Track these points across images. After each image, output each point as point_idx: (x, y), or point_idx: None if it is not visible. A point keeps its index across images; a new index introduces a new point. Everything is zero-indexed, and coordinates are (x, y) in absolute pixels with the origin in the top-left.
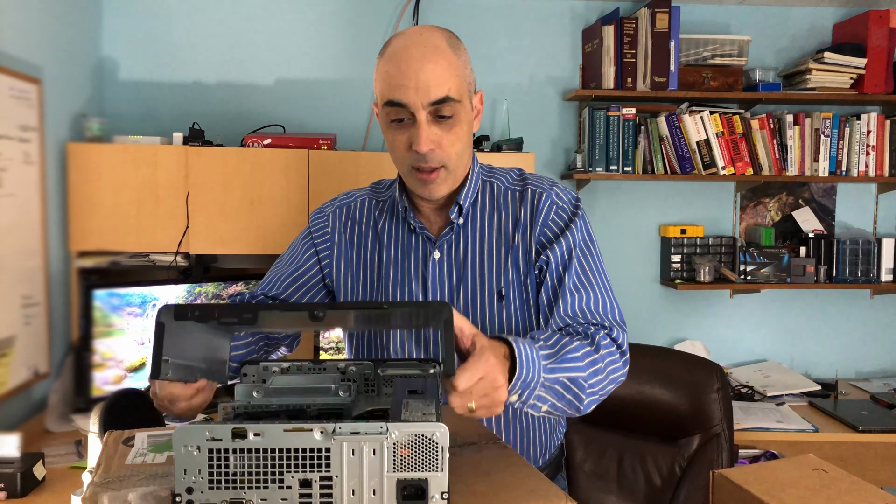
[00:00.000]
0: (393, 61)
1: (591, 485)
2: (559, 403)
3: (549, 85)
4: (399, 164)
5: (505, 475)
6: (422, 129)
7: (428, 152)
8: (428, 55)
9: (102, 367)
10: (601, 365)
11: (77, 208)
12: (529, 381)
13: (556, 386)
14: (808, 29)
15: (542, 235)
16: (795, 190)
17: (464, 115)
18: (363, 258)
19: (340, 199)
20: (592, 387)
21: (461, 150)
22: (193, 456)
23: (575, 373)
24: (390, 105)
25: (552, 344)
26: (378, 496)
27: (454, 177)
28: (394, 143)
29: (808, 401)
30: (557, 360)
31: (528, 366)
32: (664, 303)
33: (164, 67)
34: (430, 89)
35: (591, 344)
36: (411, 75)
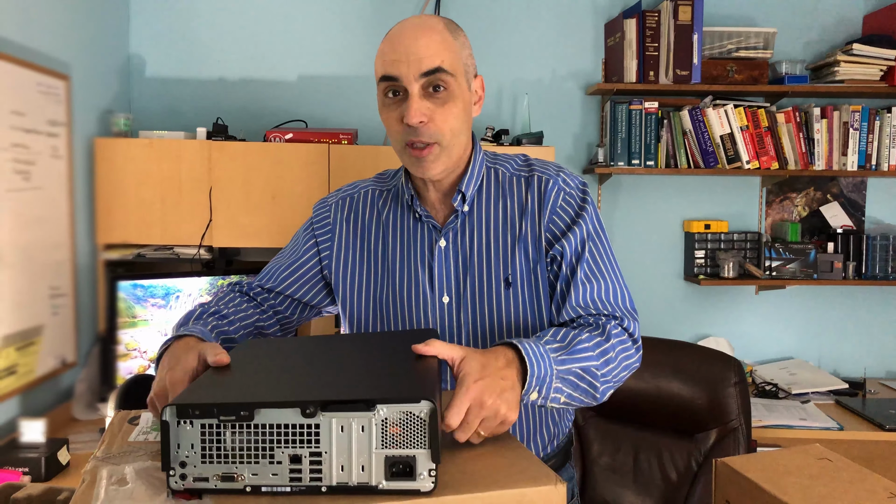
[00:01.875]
0: (389, 40)
1: (608, 479)
2: (576, 393)
3: (571, 79)
4: (394, 143)
5: (498, 457)
6: (412, 101)
7: (420, 126)
8: (422, 31)
9: (127, 358)
10: (612, 354)
11: (103, 202)
12: (543, 377)
13: (570, 377)
14: (836, 21)
15: (552, 223)
16: (823, 185)
17: (458, 91)
18: (366, 249)
19: (344, 190)
20: (605, 375)
21: (456, 127)
22: (187, 431)
23: (587, 362)
24: (384, 80)
25: (561, 338)
26: (367, 472)
27: (448, 155)
28: (388, 121)
29: (834, 399)
30: (568, 352)
31: (538, 362)
32: (687, 299)
33: (189, 64)
34: (422, 60)
35: (601, 334)
36: (403, 50)
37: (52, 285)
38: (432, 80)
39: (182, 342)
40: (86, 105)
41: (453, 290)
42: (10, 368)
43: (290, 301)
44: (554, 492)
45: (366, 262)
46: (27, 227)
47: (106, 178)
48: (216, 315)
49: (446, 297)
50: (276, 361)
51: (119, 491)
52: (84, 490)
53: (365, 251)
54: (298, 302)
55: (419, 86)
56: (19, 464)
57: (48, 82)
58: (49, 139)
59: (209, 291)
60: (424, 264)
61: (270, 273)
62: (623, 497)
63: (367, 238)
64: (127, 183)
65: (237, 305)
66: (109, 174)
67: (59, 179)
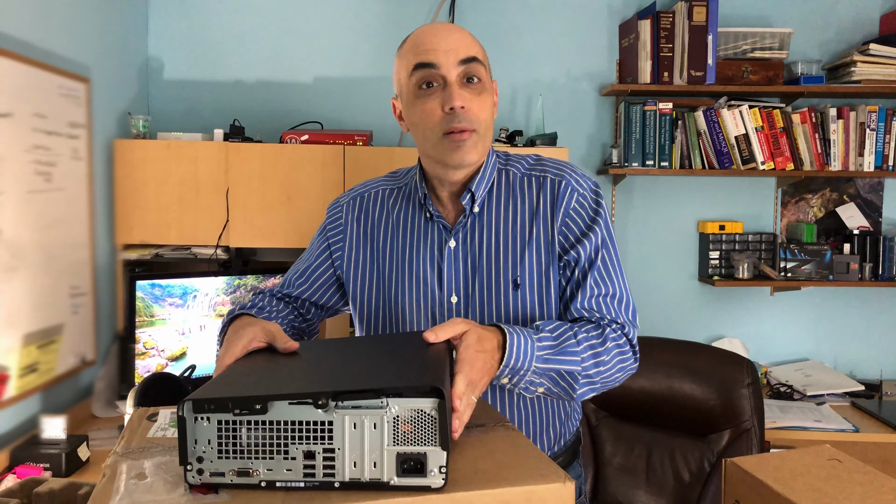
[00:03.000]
0: (419, 36)
1: (620, 479)
2: (555, 389)
3: (586, 80)
4: (429, 135)
5: (508, 455)
6: (454, 88)
7: (461, 112)
8: (453, 28)
9: (145, 356)
10: (606, 357)
11: (122, 202)
12: (518, 369)
13: (549, 374)
14: (853, 21)
15: (565, 226)
16: (840, 186)
17: (489, 85)
18: (377, 249)
19: (356, 190)
20: (592, 377)
21: (489, 119)
22: (204, 427)
23: (571, 366)
24: (420, 68)
25: (556, 335)
26: (379, 468)
27: (483, 144)
28: (423, 112)
29: (850, 401)
30: (557, 352)
31: (518, 355)
32: (702, 300)
33: (206, 67)
34: (460, 49)
35: (598, 336)
36: (441, 39)
37: (72, 284)
38: (469, 68)
39: (239, 321)
40: (105, 107)
41: (462, 291)
42: (32, 366)
43: (308, 304)
44: (563, 489)
45: (376, 261)
46: (48, 227)
47: (125, 180)
48: (261, 310)
49: (455, 297)
50: (288, 361)
51: (138, 485)
52: (104, 484)
53: (375, 250)
54: (314, 304)
55: (457, 73)
56: (41, 459)
57: (69, 85)
58: (70, 141)
59: (226, 291)
60: (434, 264)
61: (289, 280)
62: (636, 497)
63: (378, 237)
64: (145, 184)
65: (275, 305)
66: (128, 175)
67: (79, 180)
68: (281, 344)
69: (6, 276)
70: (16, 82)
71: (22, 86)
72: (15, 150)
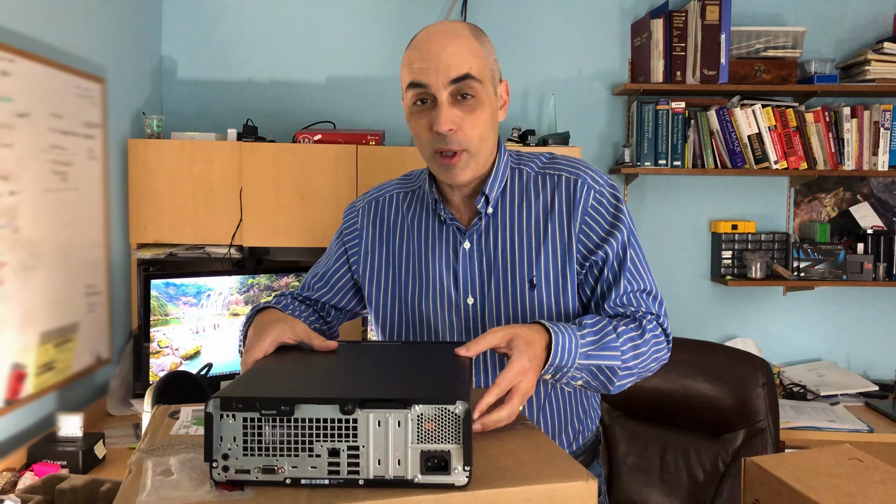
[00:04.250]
0: (416, 47)
1: (634, 479)
2: (593, 382)
3: (598, 79)
4: (422, 150)
5: (530, 453)
6: (442, 109)
7: (448, 133)
8: (449, 38)
9: (159, 355)
10: (644, 348)
11: (136, 202)
12: (562, 366)
13: (590, 368)
14: (867, 19)
15: (585, 225)
16: (853, 185)
17: (486, 98)
18: (392, 252)
19: (371, 194)
20: (630, 369)
21: (484, 133)
22: (230, 424)
23: (611, 361)
24: (412, 87)
25: (598, 330)
26: (403, 466)
27: (477, 161)
28: (417, 128)
29: (864, 401)
30: (598, 348)
31: (564, 354)
32: (714, 299)
33: (219, 67)
34: (451, 67)
35: (637, 328)
36: (432, 57)
37: (87, 283)
38: (461, 87)
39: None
40: (120, 107)
41: (478, 292)
42: (49, 364)
43: (328, 307)
44: (585, 487)
45: (392, 265)
46: (65, 226)
47: (139, 179)
48: (285, 308)
49: (471, 298)
50: (315, 362)
51: (164, 481)
52: (131, 480)
53: (391, 253)
54: (334, 307)
55: (448, 93)
56: (58, 457)
57: (85, 85)
58: (85, 140)
59: (239, 290)
60: (449, 266)
61: (308, 283)
62: (649, 497)
63: (393, 240)
64: (159, 183)
65: (297, 306)
66: (142, 175)
67: (94, 180)
68: (319, 343)
69: (24, 275)
70: (34, 83)
71: (40, 86)
72: (33, 150)
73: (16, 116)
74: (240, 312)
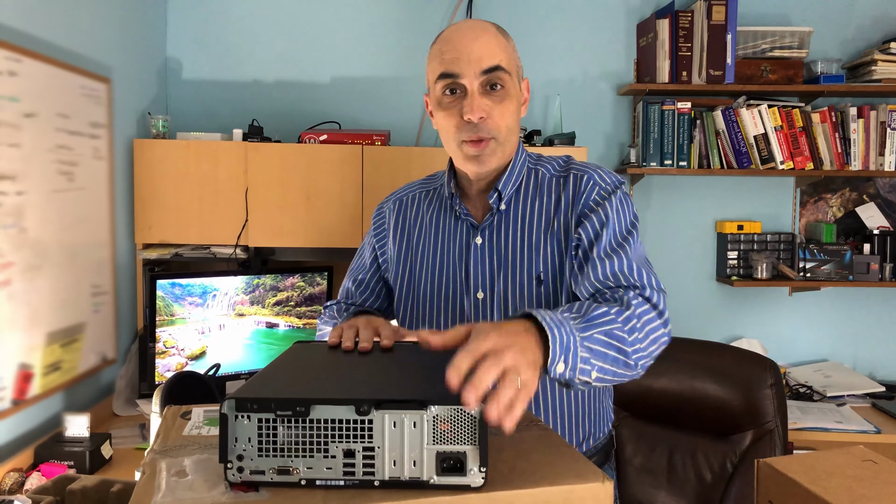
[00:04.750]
0: (446, 40)
1: (641, 480)
2: (607, 364)
3: (603, 79)
4: (449, 142)
5: (545, 454)
6: (473, 98)
7: (479, 122)
8: (479, 32)
9: (165, 355)
10: (636, 322)
11: (141, 202)
12: (567, 343)
13: (596, 346)
14: (873, 19)
15: (582, 214)
16: (859, 185)
17: (513, 90)
18: (411, 248)
19: (397, 194)
20: (634, 343)
21: (511, 125)
22: (244, 425)
23: (609, 325)
24: (443, 77)
25: (577, 309)
26: (418, 467)
27: (503, 150)
28: (445, 118)
29: (870, 402)
30: (586, 319)
31: (559, 328)
32: (720, 300)
33: (224, 67)
34: (482, 58)
35: (620, 303)
36: (464, 48)
37: (93, 283)
38: (491, 77)
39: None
40: (125, 107)
41: (487, 287)
42: (55, 364)
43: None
44: (601, 489)
45: (410, 260)
46: (71, 226)
47: (144, 179)
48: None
49: (481, 293)
50: (329, 362)
51: (179, 482)
52: (145, 481)
53: (410, 249)
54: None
55: (479, 83)
56: (65, 457)
57: (91, 85)
58: (91, 140)
59: (245, 290)
60: (462, 261)
61: (349, 290)
62: (657, 498)
63: (412, 237)
64: (165, 184)
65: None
66: (148, 175)
67: (100, 180)
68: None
69: (31, 275)
70: (41, 83)
71: (46, 86)
72: (39, 150)
73: (23, 116)
74: (245, 313)
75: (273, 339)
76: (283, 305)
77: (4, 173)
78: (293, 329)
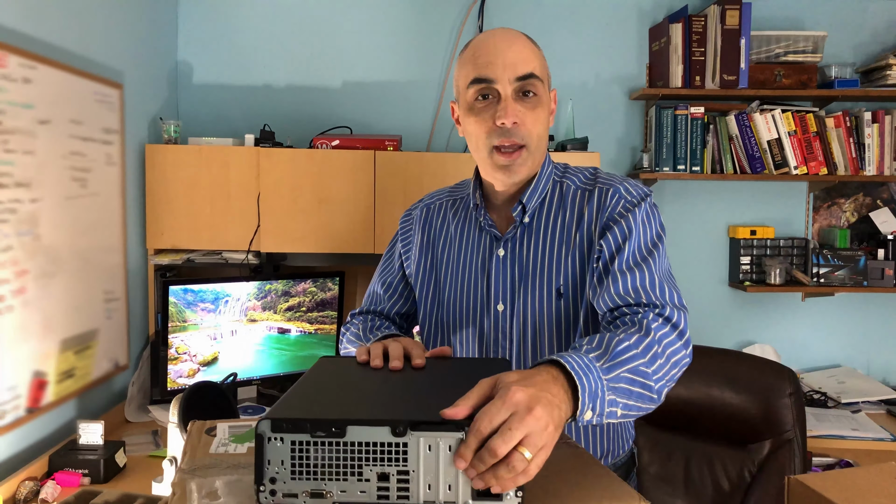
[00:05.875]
0: (479, 46)
1: (658, 488)
2: (631, 401)
3: (616, 84)
4: (480, 147)
5: (578, 475)
6: (508, 103)
7: (512, 127)
8: (513, 38)
9: (177, 361)
10: (658, 348)
11: (153, 207)
12: (595, 390)
13: (621, 384)
14: (888, 23)
15: (605, 226)
16: (873, 190)
17: (545, 99)
18: (435, 256)
19: (425, 200)
20: (657, 372)
21: (542, 133)
22: (277, 447)
23: (633, 362)
24: (477, 82)
25: (597, 344)
26: (453, 491)
27: (534, 160)
28: (476, 124)
29: (886, 409)
30: (610, 357)
31: (586, 374)
32: (733, 305)
33: (236, 71)
34: (518, 65)
35: (639, 330)
36: (499, 53)
37: (106, 289)
38: (525, 84)
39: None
40: (137, 112)
41: (508, 299)
42: (69, 371)
43: (403, 316)
44: None
45: (434, 269)
46: (84, 232)
47: (156, 185)
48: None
49: (501, 305)
50: (360, 380)
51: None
52: (176, 503)
53: (435, 257)
54: (406, 316)
55: (513, 89)
56: (79, 465)
57: (103, 91)
58: (104, 146)
59: (257, 296)
60: (484, 272)
61: (378, 295)
62: None
63: (437, 245)
64: (176, 189)
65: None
66: (160, 180)
67: (112, 186)
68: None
69: (45, 282)
70: (55, 89)
71: (60, 92)
72: (53, 157)
73: (37, 123)
74: (257, 318)
75: (285, 345)
76: (295, 311)
77: (19, 181)
78: (305, 335)
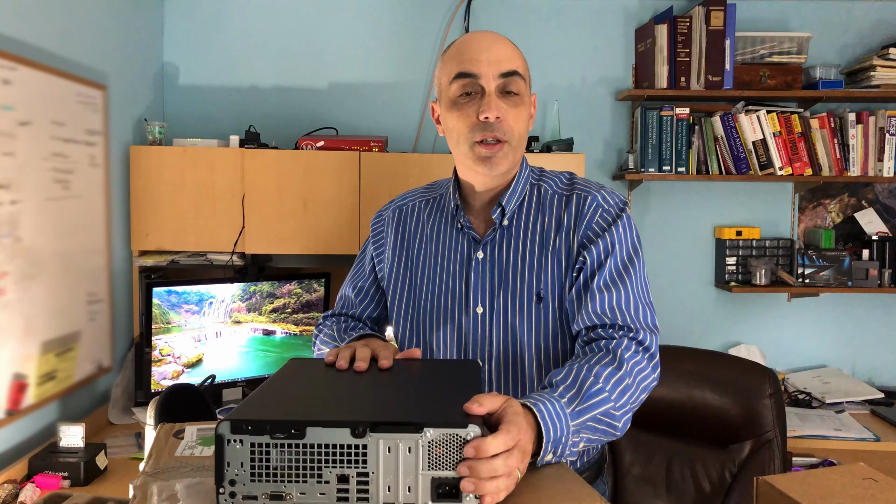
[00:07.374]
0: (463, 44)
1: (639, 489)
2: (594, 436)
3: (601, 85)
4: (461, 142)
5: (540, 476)
6: (491, 98)
7: (495, 122)
8: (497, 38)
9: (161, 363)
10: (629, 380)
11: (138, 209)
12: (559, 437)
13: (588, 424)
14: (872, 25)
15: (585, 237)
16: (858, 191)
17: (527, 99)
18: (410, 258)
19: (397, 202)
20: (623, 406)
21: (522, 132)
22: (237, 449)
23: (604, 405)
24: (461, 77)
25: (571, 382)
26: (413, 493)
27: (514, 155)
28: (458, 119)
29: (870, 409)
30: (582, 400)
31: (554, 425)
32: (718, 306)
33: (221, 73)
34: (502, 61)
35: (613, 361)
36: (483, 50)
37: (89, 291)
38: (508, 82)
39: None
40: (122, 114)
41: (487, 302)
42: (50, 374)
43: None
44: None
45: (409, 270)
46: (66, 234)
47: (141, 186)
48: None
49: (480, 307)
50: (324, 382)
51: None
52: None
53: (410, 260)
54: (377, 319)
55: (496, 85)
56: (59, 468)
57: (87, 92)
58: (87, 148)
59: (242, 298)
60: (462, 274)
61: (349, 300)
62: None
63: (412, 247)
64: (161, 190)
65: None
66: (144, 182)
67: (96, 188)
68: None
69: (25, 285)
70: (35, 90)
71: (41, 94)
72: (34, 158)
73: (17, 125)
74: (242, 320)
75: (270, 347)
76: (280, 312)
77: None
78: (290, 336)
